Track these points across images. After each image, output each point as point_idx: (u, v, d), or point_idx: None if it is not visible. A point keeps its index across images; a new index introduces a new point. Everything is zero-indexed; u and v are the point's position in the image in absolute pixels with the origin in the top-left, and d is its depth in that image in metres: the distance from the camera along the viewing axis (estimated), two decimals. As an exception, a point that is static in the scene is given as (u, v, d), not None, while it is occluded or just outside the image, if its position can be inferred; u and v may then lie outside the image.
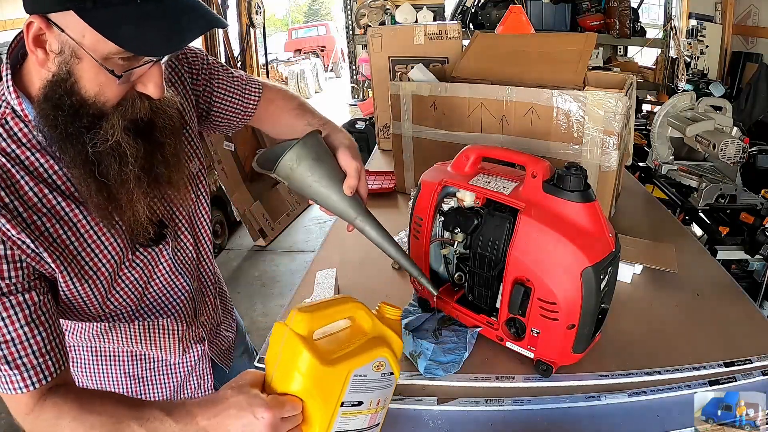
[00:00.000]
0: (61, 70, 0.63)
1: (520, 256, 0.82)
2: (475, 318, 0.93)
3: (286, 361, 0.63)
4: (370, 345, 0.66)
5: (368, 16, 3.64)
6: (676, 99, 2.09)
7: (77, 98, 0.64)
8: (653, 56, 4.50)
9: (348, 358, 0.64)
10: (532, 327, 0.83)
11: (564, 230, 0.78)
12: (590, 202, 0.79)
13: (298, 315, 0.63)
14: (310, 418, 0.64)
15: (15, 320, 0.64)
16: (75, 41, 0.61)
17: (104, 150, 0.67)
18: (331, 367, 0.62)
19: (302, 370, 0.62)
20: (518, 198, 0.84)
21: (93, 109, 0.65)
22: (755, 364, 0.86)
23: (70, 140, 0.65)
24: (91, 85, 0.64)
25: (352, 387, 0.64)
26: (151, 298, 0.85)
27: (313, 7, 21.64)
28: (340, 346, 0.65)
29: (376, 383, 0.66)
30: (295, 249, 3.71)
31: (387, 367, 0.67)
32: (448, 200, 0.96)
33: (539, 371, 0.86)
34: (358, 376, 0.64)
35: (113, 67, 0.63)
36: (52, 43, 0.62)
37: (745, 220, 1.91)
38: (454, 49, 1.89)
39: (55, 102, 0.64)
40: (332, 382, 0.63)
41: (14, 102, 0.67)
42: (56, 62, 0.63)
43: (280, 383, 0.64)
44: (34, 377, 0.66)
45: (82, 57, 0.62)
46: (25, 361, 0.65)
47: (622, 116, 1.19)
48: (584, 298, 0.78)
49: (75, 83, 0.64)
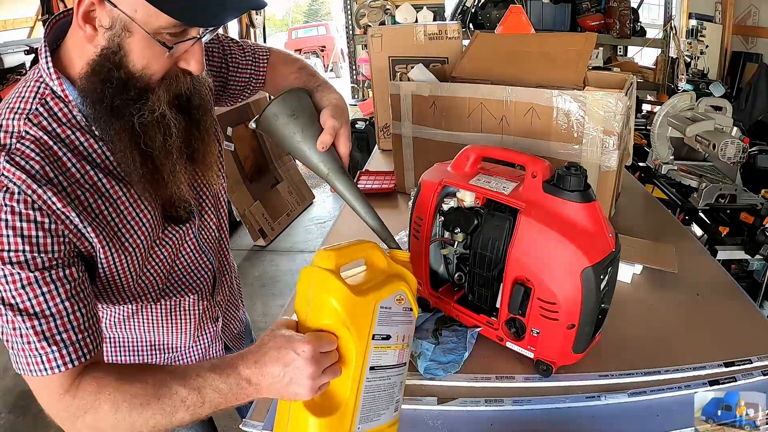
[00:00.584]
0: (111, 44, 0.65)
1: (520, 256, 0.82)
2: (475, 318, 0.93)
3: (317, 298, 0.66)
4: (390, 280, 0.70)
5: (368, 16, 3.64)
6: (676, 99, 2.09)
7: (125, 71, 0.66)
8: (653, 56, 4.50)
9: (373, 290, 0.67)
10: (532, 327, 0.83)
11: (564, 230, 0.78)
12: (590, 202, 0.79)
13: (324, 252, 0.65)
14: (346, 354, 0.66)
15: (55, 295, 0.64)
16: (127, 15, 0.63)
17: (150, 122, 0.69)
18: (361, 297, 0.65)
19: (335, 301, 0.64)
20: (518, 198, 0.84)
21: (140, 82, 0.67)
22: (755, 364, 0.87)
23: (115, 113, 0.67)
24: (140, 58, 0.66)
25: (379, 319, 0.67)
26: (177, 276, 0.87)
27: (313, 7, 21.63)
28: (364, 283, 0.68)
29: (399, 317, 0.70)
30: (295, 249, 3.71)
31: (407, 302, 0.71)
32: (448, 200, 0.96)
33: (539, 371, 0.86)
34: (384, 308, 0.68)
35: (163, 41, 0.65)
36: (102, 18, 0.64)
37: (745, 220, 1.91)
38: (454, 49, 1.89)
39: (104, 75, 0.65)
40: (363, 313, 0.66)
41: (54, 83, 0.68)
42: (106, 37, 0.64)
43: (315, 321, 0.66)
44: (72, 354, 0.65)
45: (134, 31, 0.64)
46: (65, 337, 0.64)
47: (622, 116, 1.19)
48: (584, 298, 0.78)
49: (124, 56, 0.65)
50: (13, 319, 0.63)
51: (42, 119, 0.67)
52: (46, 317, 0.63)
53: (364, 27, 3.71)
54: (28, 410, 2.20)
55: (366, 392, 0.67)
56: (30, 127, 0.66)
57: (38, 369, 0.64)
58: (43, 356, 0.64)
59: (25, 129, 0.66)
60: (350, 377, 0.66)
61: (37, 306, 0.63)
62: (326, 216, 4.13)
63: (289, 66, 1.01)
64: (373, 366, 0.67)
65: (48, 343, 0.63)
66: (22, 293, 0.62)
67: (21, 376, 0.67)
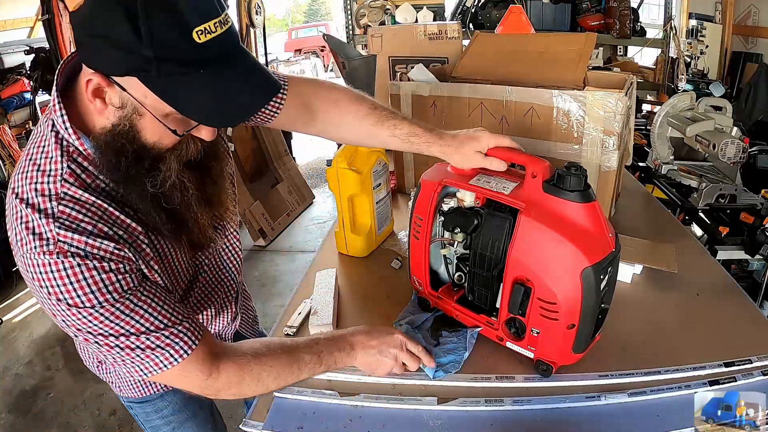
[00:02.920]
0: (122, 123, 0.66)
1: (520, 256, 0.82)
2: (475, 318, 0.93)
3: (344, 178, 1.23)
4: (372, 155, 1.27)
5: (368, 16, 3.63)
6: (676, 99, 2.08)
7: (138, 145, 0.68)
8: (653, 56, 4.49)
9: (367, 165, 1.24)
10: (532, 327, 0.83)
11: (564, 230, 0.78)
12: (590, 202, 0.79)
13: (339, 158, 1.23)
14: (365, 198, 1.27)
15: (155, 295, 0.71)
16: (137, 100, 0.64)
17: (163, 187, 0.71)
18: (363, 172, 1.23)
19: (354, 177, 1.22)
20: (518, 198, 0.84)
21: (152, 153, 0.69)
22: (755, 364, 0.87)
23: (132, 181, 0.69)
24: (152, 135, 0.68)
25: (374, 177, 1.26)
26: (203, 293, 0.92)
27: (313, 7, 21.64)
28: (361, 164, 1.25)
29: (381, 173, 1.29)
30: (295, 249, 3.71)
31: (383, 162, 1.29)
32: (448, 200, 0.96)
33: (539, 371, 0.86)
34: (374, 171, 1.26)
35: (172, 124, 0.67)
36: (112, 98, 0.65)
37: (745, 220, 1.90)
38: (454, 49, 1.89)
39: (117, 149, 0.67)
40: (367, 177, 1.24)
41: (75, 142, 0.69)
42: (117, 115, 0.66)
43: (345, 190, 1.24)
44: (192, 336, 0.73)
45: (144, 114, 0.65)
46: (180, 328, 0.72)
47: (622, 116, 1.19)
48: (584, 297, 0.78)
49: (137, 134, 0.67)
50: (127, 343, 0.69)
51: (76, 177, 0.68)
52: (160, 313, 0.70)
53: (364, 27, 3.71)
54: (28, 410, 2.21)
55: (377, 213, 1.29)
56: (68, 188, 0.67)
57: (173, 359, 0.71)
58: (170, 350, 0.71)
59: (62, 191, 0.66)
60: (369, 209, 1.27)
61: (142, 320, 0.69)
62: (326, 216, 4.13)
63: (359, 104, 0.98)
64: (376, 201, 1.29)
65: (176, 330, 0.71)
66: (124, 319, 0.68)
67: (21, 377, 0.68)
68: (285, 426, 0.82)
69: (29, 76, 3.47)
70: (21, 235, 0.65)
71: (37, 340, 2.68)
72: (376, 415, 0.83)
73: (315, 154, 5.49)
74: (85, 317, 0.66)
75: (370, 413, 0.83)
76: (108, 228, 0.68)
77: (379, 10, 3.54)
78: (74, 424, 2.14)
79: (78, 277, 0.65)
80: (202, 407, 1.08)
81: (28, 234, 0.65)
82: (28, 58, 3.49)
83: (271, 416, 0.83)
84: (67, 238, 0.64)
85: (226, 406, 1.50)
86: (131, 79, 0.61)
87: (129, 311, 0.68)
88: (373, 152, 1.27)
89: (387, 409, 0.84)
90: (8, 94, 3.42)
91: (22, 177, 0.68)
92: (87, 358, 0.96)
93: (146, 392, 0.97)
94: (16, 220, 0.66)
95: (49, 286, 0.64)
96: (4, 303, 3.05)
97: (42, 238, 0.64)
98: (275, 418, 0.83)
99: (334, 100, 0.96)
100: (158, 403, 1.00)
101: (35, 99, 3.57)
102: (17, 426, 2.15)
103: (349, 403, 0.85)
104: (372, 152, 1.26)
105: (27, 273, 0.66)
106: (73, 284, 0.64)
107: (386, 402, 0.84)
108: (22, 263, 0.66)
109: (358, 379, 0.89)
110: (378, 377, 0.88)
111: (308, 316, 1.05)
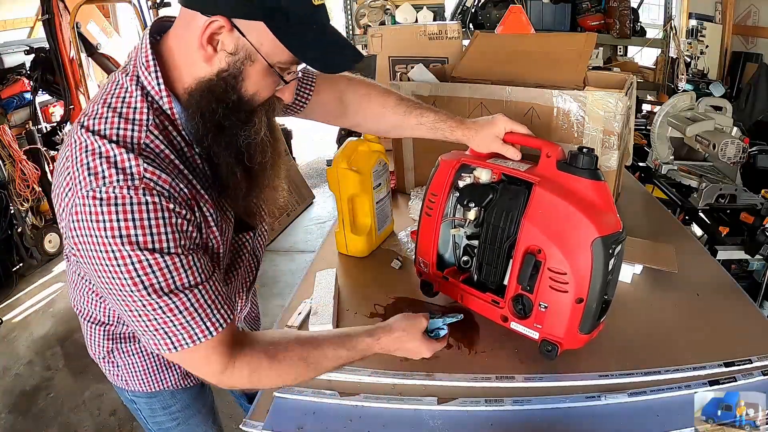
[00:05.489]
0: (231, 68, 0.68)
1: (533, 226, 0.85)
2: (481, 297, 0.95)
3: (344, 179, 1.23)
4: (372, 156, 1.27)
5: (368, 16, 3.63)
6: (676, 99, 2.08)
7: (238, 95, 0.70)
8: (653, 56, 4.49)
9: (367, 165, 1.25)
10: (540, 301, 0.84)
11: (576, 203, 0.82)
12: (601, 181, 0.83)
13: (338, 159, 1.23)
14: (365, 198, 1.26)
15: (202, 265, 0.69)
16: (253, 46, 0.67)
17: (252, 142, 0.73)
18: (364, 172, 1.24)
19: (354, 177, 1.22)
20: (533, 174, 0.89)
21: (248, 106, 0.72)
22: (755, 364, 0.87)
23: (223, 132, 0.71)
24: (253, 85, 0.70)
25: (374, 177, 1.26)
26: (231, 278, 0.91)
27: (313, 7, 21.56)
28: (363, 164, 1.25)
29: (382, 172, 1.30)
30: (295, 249, 3.71)
31: (383, 162, 1.29)
32: (465, 176, 0.99)
33: (543, 352, 0.86)
34: (374, 171, 1.26)
35: (282, 75, 0.71)
36: (227, 43, 0.67)
37: (745, 220, 1.90)
38: (454, 49, 1.89)
39: (218, 95, 0.69)
40: (367, 177, 1.24)
41: (164, 101, 0.70)
42: (227, 61, 0.68)
43: (345, 189, 1.24)
44: (221, 319, 0.70)
45: (256, 60, 0.68)
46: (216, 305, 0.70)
47: (622, 116, 1.20)
48: (594, 269, 0.80)
49: (241, 81, 0.69)
50: (173, 302, 0.66)
51: (161, 130, 0.69)
52: (199, 284, 0.68)
53: (364, 27, 3.70)
54: (28, 410, 2.21)
55: (377, 213, 1.29)
56: (152, 140, 0.68)
57: (197, 337, 0.69)
58: (194, 328, 0.68)
59: (146, 142, 0.67)
60: (369, 209, 1.27)
61: (192, 280, 0.68)
62: (326, 216, 4.13)
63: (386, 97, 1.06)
64: (377, 201, 1.28)
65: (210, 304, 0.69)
66: (183, 273, 0.67)
67: (21, 377, 0.67)
68: (285, 426, 0.82)
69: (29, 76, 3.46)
70: (98, 168, 0.63)
71: (37, 340, 2.68)
72: (376, 415, 0.83)
73: (315, 154, 5.49)
74: (145, 260, 0.64)
75: (370, 413, 0.83)
76: (183, 186, 0.68)
77: (379, 10, 3.55)
78: (74, 424, 2.14)
79: (158, 215, 0.64)
80: (205, 404, 1.07)
81: (109, 168, 0.63)
82: (28, 58, 3.48)
83: (271, 416, 0.83)
84: (155, 175, 0.64)
85: (227, 406, 1.50)
86: (255, 24, 0.65)
87: (189, 267, 0.67)
88: (373, 152, 1.26)
89: (387, 409, 0.84)
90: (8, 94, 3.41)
91: (100, 121, 0.66)
92: (95, 348, 0.92)
93: (156, 387, 0.95)
94: (90, 155, 0.63)
95: (122, 219, 0.62)
96: (4, 303, 3.05)
97: (126, 173, 0.63)
98: (275, 418, 0.83)
99: (366, 94, 1.04)
100: (168, 400, 0.98)
101: (35, 99, 3.56)
102: (17, 426, 2.15)
103: (349, 403, 0.85)
104: (372, 152, 1.26)
105: (85, 209, 0.62)
106: (151, 221, 0.63)
107: (386, 402, 0.84)
108: (82, 200, 0.62)
109: (358, 379, 0.89)
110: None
111: (308, 316, 1.05)
